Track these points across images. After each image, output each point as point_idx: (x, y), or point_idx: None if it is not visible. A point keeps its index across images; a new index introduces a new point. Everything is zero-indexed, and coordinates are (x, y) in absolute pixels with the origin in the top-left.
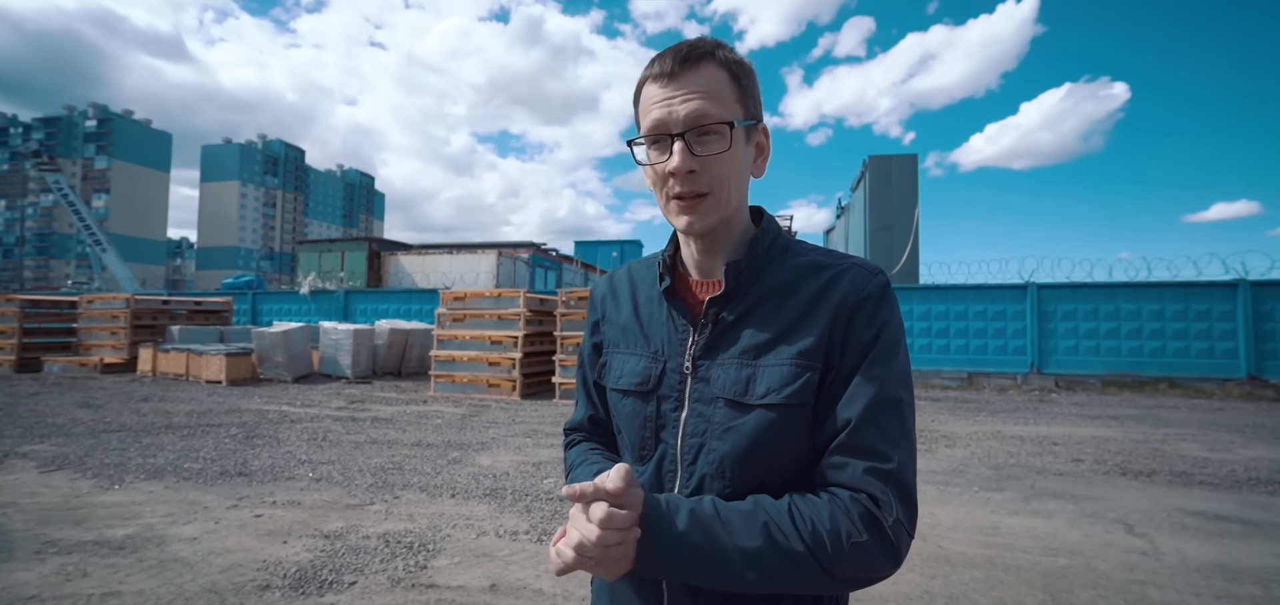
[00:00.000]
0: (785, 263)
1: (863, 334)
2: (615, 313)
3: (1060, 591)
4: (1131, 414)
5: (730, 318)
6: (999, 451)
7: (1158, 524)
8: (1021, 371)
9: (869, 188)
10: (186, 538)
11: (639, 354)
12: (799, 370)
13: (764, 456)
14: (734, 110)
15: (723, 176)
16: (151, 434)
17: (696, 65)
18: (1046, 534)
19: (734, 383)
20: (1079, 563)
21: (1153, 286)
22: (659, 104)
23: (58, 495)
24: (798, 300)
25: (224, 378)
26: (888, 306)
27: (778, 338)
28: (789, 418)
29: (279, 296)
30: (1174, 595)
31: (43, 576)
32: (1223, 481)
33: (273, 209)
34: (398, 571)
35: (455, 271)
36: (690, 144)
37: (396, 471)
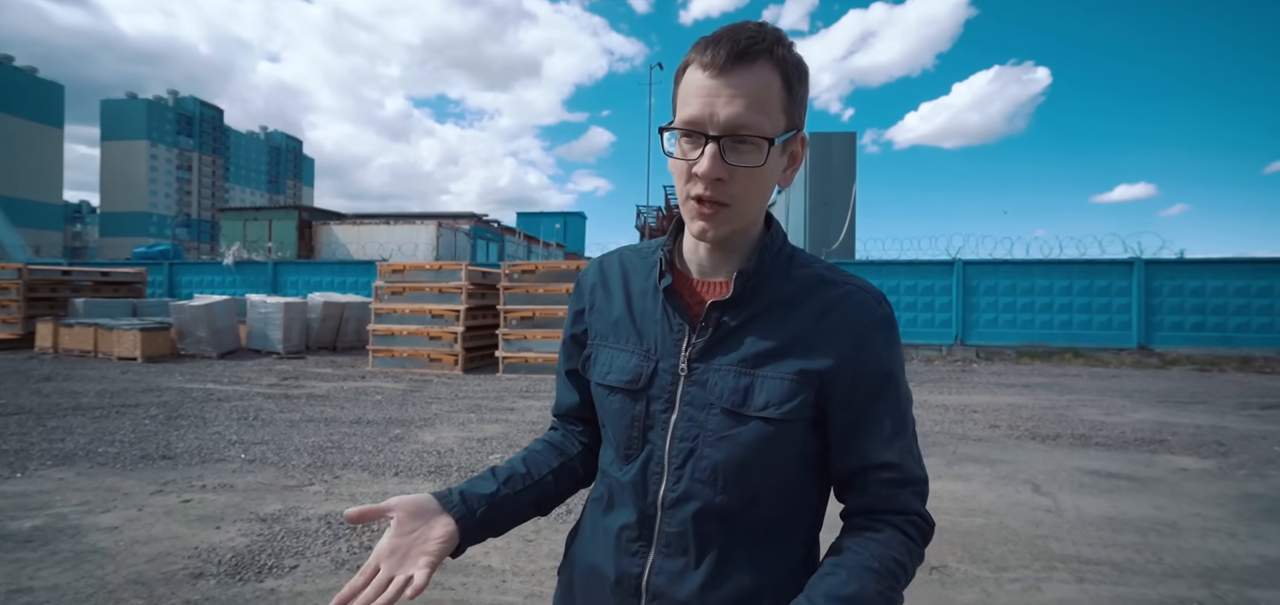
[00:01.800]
0: (790, 273)
1: (877, 364)
2: (605, 304)
3: (976, 548)
4: (1041, 382)
5: (733, 323)
6: (925, 420)
7: (1060, 483)
8: (947, 343)
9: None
10: (105, 527)
11: (630, 350)
12: (799, 386)
13: (758, 468)
14: (777, 121)
15: (749, 190)
16: (57, 416)
17: (751, 63)
18: (966, 496)
19: (733, 391)
20: (993, 521)
21: (1063, 263)
22: (700, 96)
23: None
24: (803, 314)
25: (139, 354)
26: (895, 331)
27: (780, 350)
28: (786, 432)
29: (200, 267)
30: (1071, 547)
31: None
32: (1114, 442)
33: (188, 172)
34: (341, 553)
35: (393, 243)
36: (723, 150)
37: (336, 451)
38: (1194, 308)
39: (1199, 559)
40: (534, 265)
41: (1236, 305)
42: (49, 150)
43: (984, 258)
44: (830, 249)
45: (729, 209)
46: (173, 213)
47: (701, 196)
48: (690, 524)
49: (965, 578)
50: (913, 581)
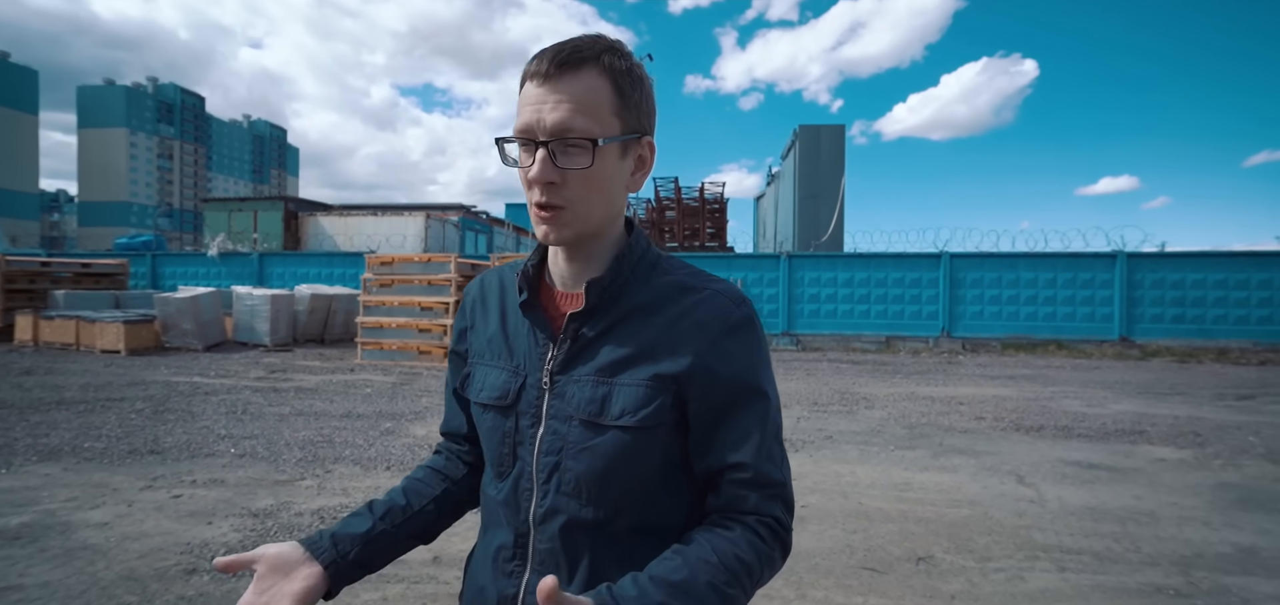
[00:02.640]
0: (651, 280)
1: (734, 365)
2: (484, 322)
3: (962, 539)
4: (1025, 374)
5: (590, 333)
6: (912, 412)
7: (1043, 474)
8: (933, 335)
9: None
10: (95, 523)
11: (502, 367)
12: (654, 392)
13: (620, 477)
14: (609, 124)
15: (584, 192)
16: (40, 411)
17: (576, 70)
18: (952, 487)
19: (590, 401)
20: (978, 512)
21: (1048, 256)
22: (531, 105)
23: None
24: (660, 320)
25: (123, 347)
26: (755, 334)
27: (636, 357)
28: (644, 439)
29: (183, 259)
30: (1053, 536)
31: None
32: (1095, 433)
33: (170, 161)
34: None
35: (381, 234)
36: (553, 154)
37: (326, 445)
38: (1174, 300)
39: (1175, 547)
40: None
41: (1215, 297)
42: (24, 137)
43: (970, 251)
44: (819, 242)
45: (566, 211)
46: (154, 202)
47: (540, 202)
48: (559, 539)
49: (951, 568)
50: (893, 573)
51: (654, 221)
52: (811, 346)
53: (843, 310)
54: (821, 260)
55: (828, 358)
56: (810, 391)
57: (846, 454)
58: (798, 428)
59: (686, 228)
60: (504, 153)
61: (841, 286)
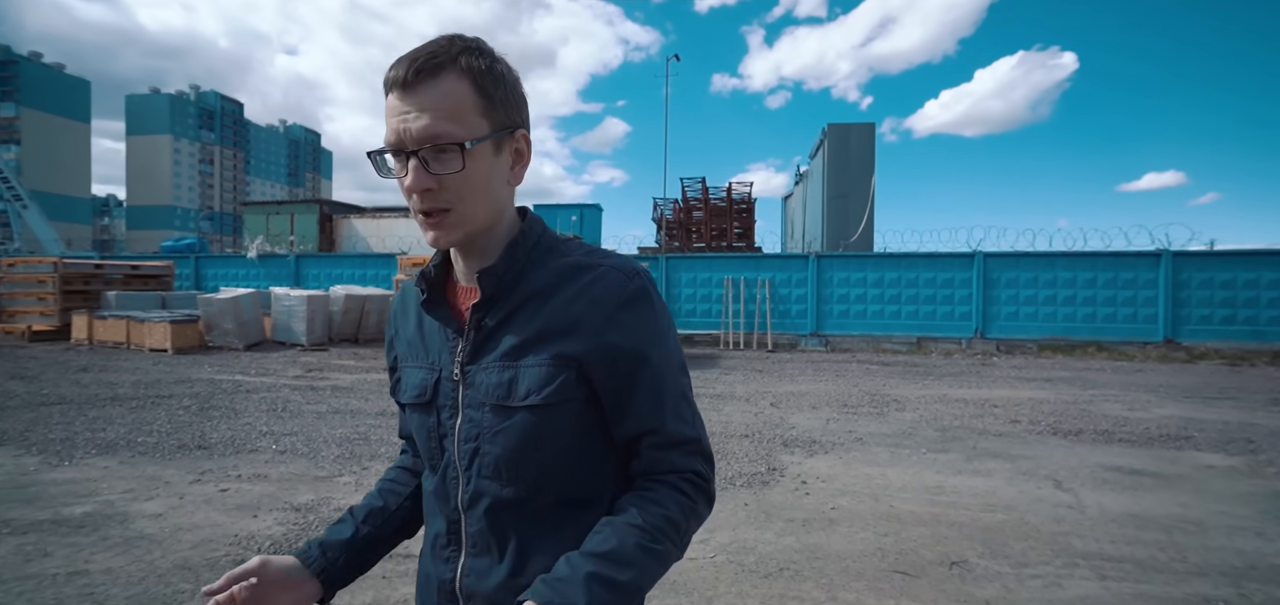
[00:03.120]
0: (547, 265)
1: (632, 337)
2: (404, 327)
3: (997, 544)
4: (1063, 376)
5: (492, 323)
6: (945, 414)
7: (1082, 479)
8: (966, 336)
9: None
10: (150, 514)
11: (420, 366)
12: (557, 370)
13: (534, 454)
14: (475, 125)
15: (462, 193)
16: (97, 406)
17: (434, 76)
18: (986, 491)
19: (497, 386)
20: (1014, 517)
21: (1087, 256)
22: (395, 116)
23: (2, 473)
24: (557, 301)
25: (169, 346)
26: (650, 303)
27: (536, 339)
28: (553, 417)
29: (224, 261)
30: (1093, 544)
31: (1, 557)
32: (1139, 438)
33: (211, 166)
34: None
35: (412, 236)
36: (426, 161)
37: (363, 442)
38: (1224, 300)
39: (1225, 558)
40: None
41: (1269, 298)
42: (77, 145)
43: (1005, 250)
44: (848, 241)
45: (450, 214)
46: (196, 206)
47: (421, 209)
48: (485, 520)
49: (986, 573)
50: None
51: (681, 222)
52: (841, 347)
53: (873, 311)
54: (851, 260)
55: (857, 359)
56: (839, 393)
57: (877, 456)
58: (827, 429)
59: (714, 228)
60: (378, 165)
61: (871, 287)
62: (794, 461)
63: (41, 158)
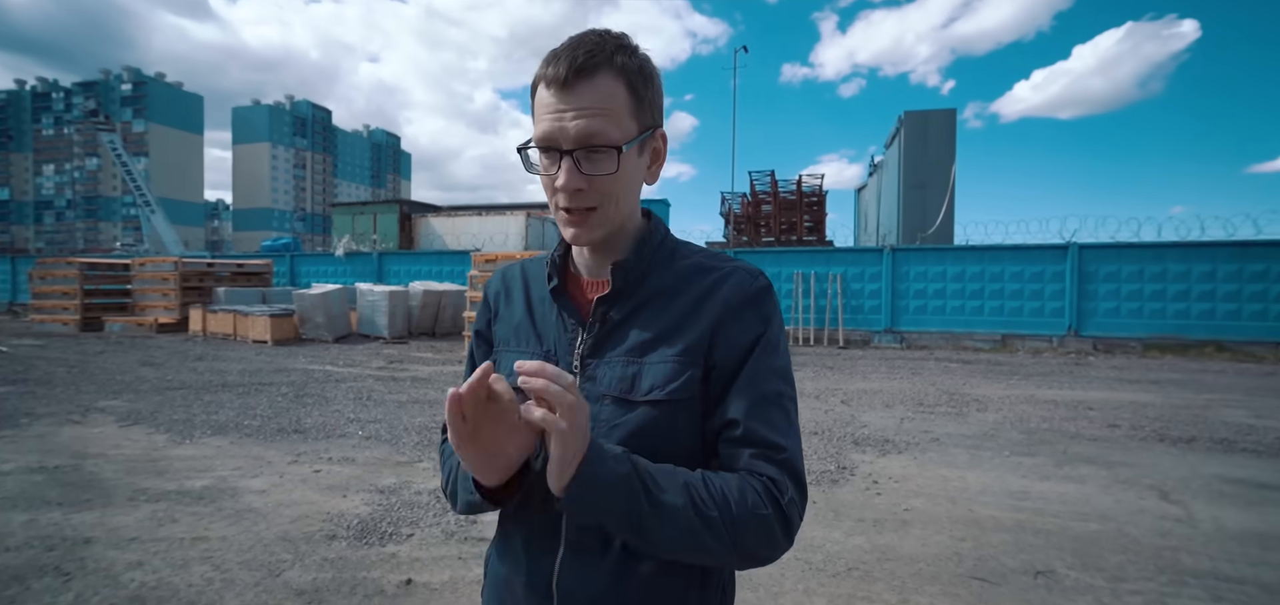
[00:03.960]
0: (671, 265)
1: (744, 335)
2: (508, 312)
3: (1090, 555)
4: (1173, 378)
5: (617, 317)
6: (1032, 415)
7: (1194, 491)
8: (1058, 334)
9: (904, 144)
10: (256, 490)
11: (531, 352)
12: (681, 367)
13: (650, 451)
14: (627, 126)
15: (611, 193)
16: (210, 392)
17: (591, 76)
18: (1078, 499)
19: (620, 380)
20: (1110, 528)
21: (1205, 246)
22: (550, 115)
23: (138, 448)
24: (683, 301)
25: (269, 338)
26: (768, 307)
27: (662, 336)
28: (673, 413)
29: (315, 259)
30: (1206, 561)
31: (139, 521)
32: (1268, 449)
33: (303, 170)
34: (451, 526)
35: (485, 233)
36: (579, 162)
37: (439, 431)
38: None
39: None
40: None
41: None
42: (192, 155)
43: (1104, 241)
44: (926, 234)
45: (596, 213)
46: (290, 208)
47: (568, 207)
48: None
49: (1076, 585)
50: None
51: (749, 216)
52: (917, 344)
53: (953, 307)
54: (929, 253)
55: (935, 357)
56: (915, 391)
57: (955, 458)
58: (901, 429)
59: (783, 221)
60: (526, 160)
61: (951, 281)
62: (865, 461)
63: (164, 167)
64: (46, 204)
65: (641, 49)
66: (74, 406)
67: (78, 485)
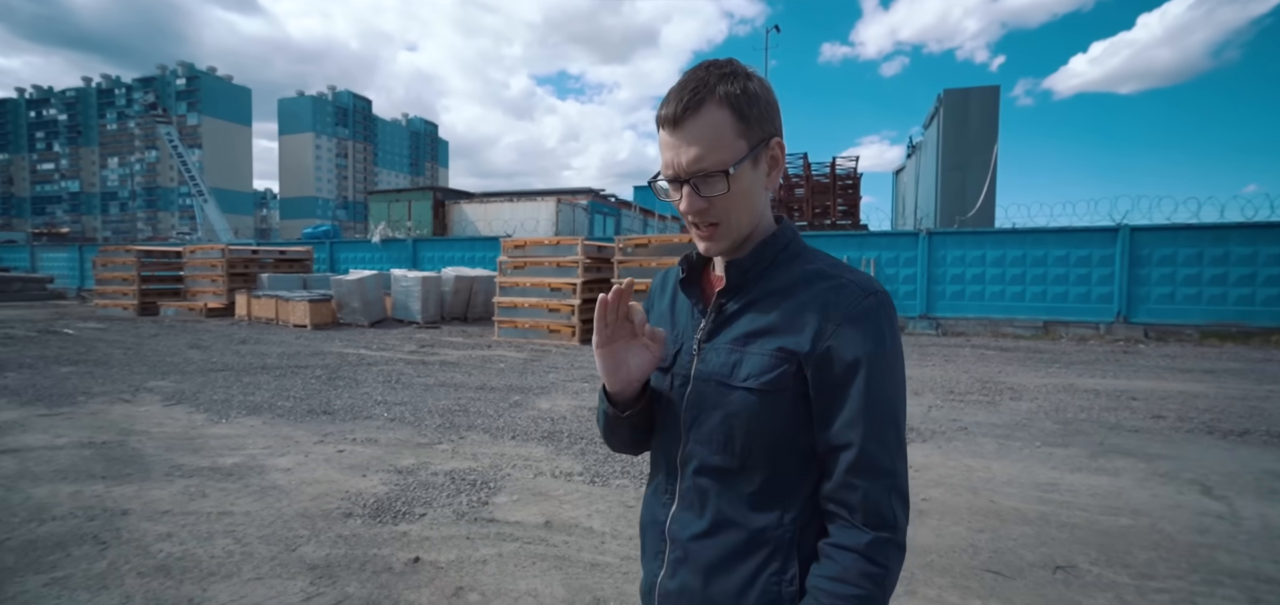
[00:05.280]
0: (792, 268)
1: (859, 349)
2: (660, 303)
3: (1117, 551)
4: (1232, 368)
5: (733, 308)
6: (1069, 405)
7: (1241, 487)
8: (1106, 320)
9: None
10: (282, 468)
11: (668, 334)
12: (778, 361)
13: (744, 430)
14: (736, 148)
15: (729, 209)
16: (250, 373)
17: (697, 111)
18: (1110, 492)
19: (723, 365)
20: (1143, 523)
21: (1275, 227)
22: (667, 150)
23: (178, 426)
24: (794, 302)
25: (309, 322)
26: (884, 320)
27: (767, 331)
28: (766, 401)
29: (353, 245)
30: (1247, 561)
31: (172, 495)
32: None
33: (345, 159)
34: (462, 506)
35: (516, 219)
36: (696, 187)
37: (462, 413)
38: None
39: None
40: (647, 239)
41: None
42: (241, 146)
43: (1159, 223)
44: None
45: (720, 226)
46: (333, 196)
47: (695, 224)
48: (694, 479)
49: (1097, 581)
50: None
51: (781, 200)
52: (953, 331)
53: (992, 292)
54: (966, 237)
55: (972, 343)
56: (946, 379)
57: (982, 448)
58: (928, 417)
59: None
60: (657, 191)
61: (990, 266)
62: None
63: (216, 158)
64: (112, 195)
65: (750, 72)
66: (126, 386)
67: (121, 460)
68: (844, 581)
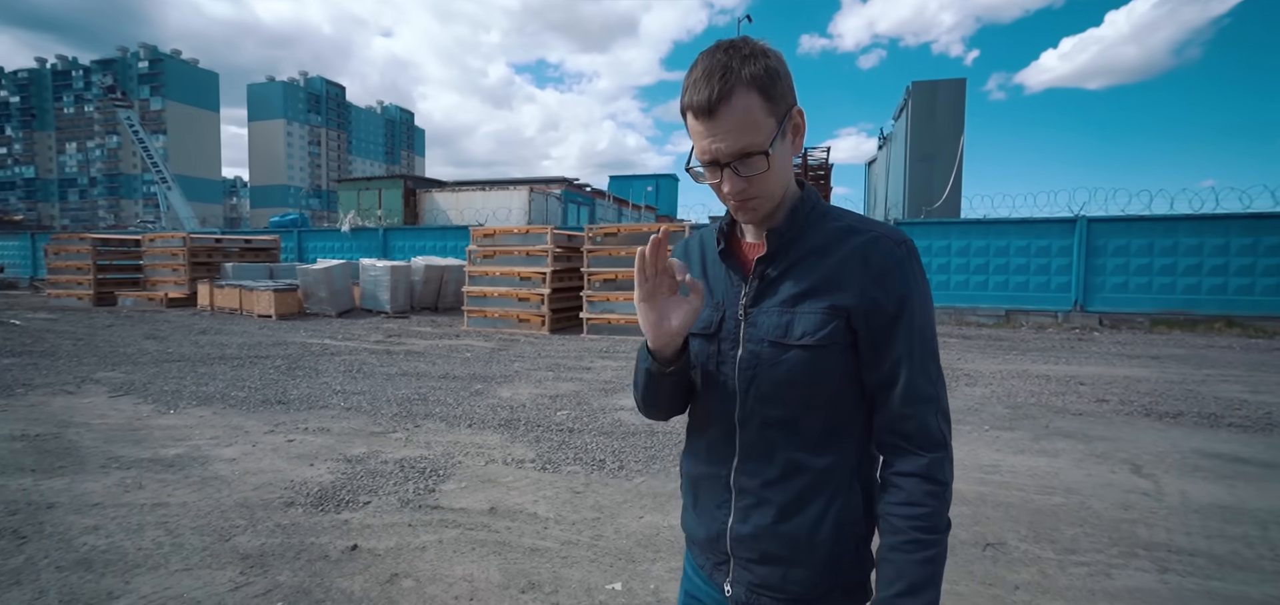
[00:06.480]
0: (823, 227)
1: (899, 294)
2: (690, 271)
3: (1046, 528)
4: (1176, 353)
5: (774, 273)
6: (1021, 390)
7: (1168, 465)
8: (1063, 309)
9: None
10: (227, 458)
11: (707, 304)
12: (829, 318)
13: (804, 384)
14: (768, 127)
15: (768, 185)
16: (206, 364)
17: (729, 98)
18: (1047, 472)
19: (776, 326)
20: (1073, 501)
21: (1219, 219)
22: (702, 139)
23: (122, 418)
24: (832, 260)
25: (273, 312)
26: (916, 267)
27: (813, 290)
28: (822, 356)
29: (322, 234)
30: (1162, 534)
31: (106, 487)
32: (1254, 424)
33: (318, 147)
34: (408, 494)
35: (489, 208)
36: (737, 170)
37: (421, 402)
38: None
39: None
40: (616, 228)
41: None
42: (209, 132)
43: (1114, 215)
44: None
45: (759, 201)
46: (306, 185)
47: (735, 203)
48: (758, 434)
49: (1023, 557)
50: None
51: None
52: None
53: (956, 281)
54: (933, 227)
55: (937, 332)
56: None
57: None
58: None
59: None
60: (696, 176)
61: (955, 256)
62: None
63: (182, 145)
64: (71, 182)
65: (765, 49)
66: (71, 378)
67: (54, 453)
68: (913, 504)
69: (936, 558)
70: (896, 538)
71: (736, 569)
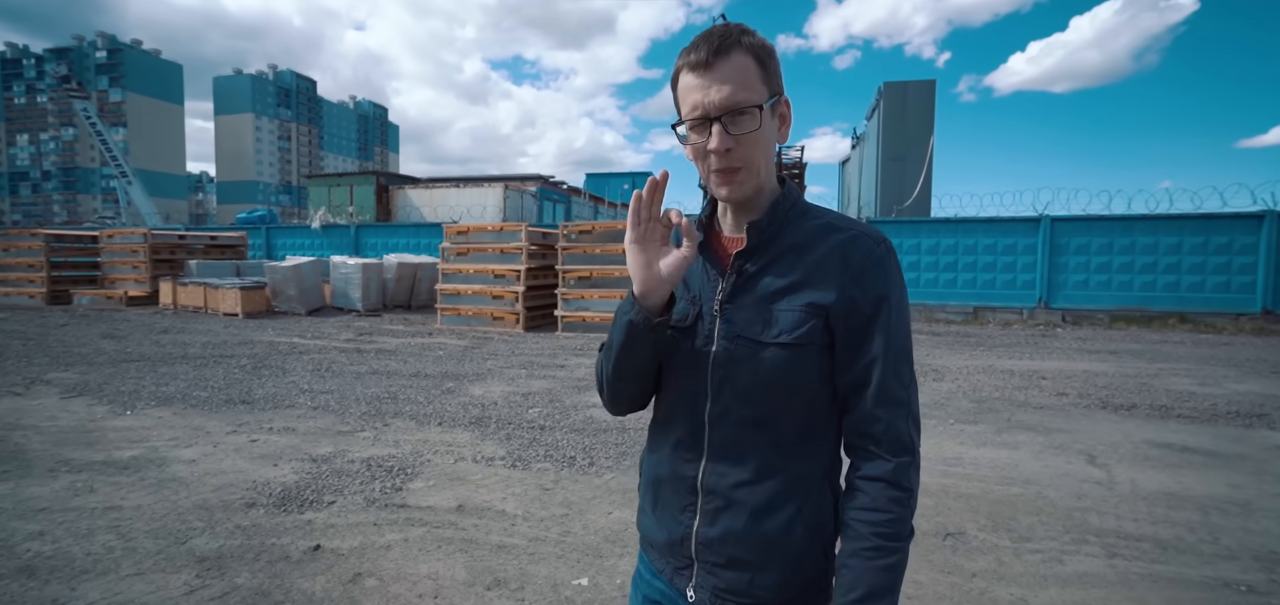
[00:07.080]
0: (802, 225)
1: (877, 294)
2: None
3: (1003, 517)
4: (1132, 349)
5: (752, 269)
6: (985, 385)
7: (1121, 455)
8: (1029, 306)
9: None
10: (186, 460)
11: (682, 298)
12: (807, 317)
13: (780, 384)
14: (761, 92)
15: (754, 151)
16: (167, 364)
17: (727, 54)
18: (1007, 464)
19: (752, 323)
20: (1031, 491)
21: (1172, 219)
22: (696, 90)
23: (74, 419)
24: (811, 257)
25: (240, 311)
26: (895, 267)
27: (791, 288)
28: (800, 355)
29: (292, 231)
30: (1112, 521)
31: (54, 492)
32: (1201, 415)
33: (288, 142)
34: (374, 493)
35: (463, 205)
36: (727, 125)
37: (391, 401)
38: None
39: (1264, 542)
40: (591, 225)
41: None
42: (172, 126)
43: (1076, 214)
44: (902, 206)
45: (742, 171)
46: (276, 180)
47: (719, 168)
48: (730, 433)
49: (981, 545)
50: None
51: None
52: None
53: (926, 279)
54: (903, 226)
55: None
56: None
57: None
58: None
59: None
60: (681, 136)
61: (925, 254)
62: None
63: (143, 138)
64: (22, 175)
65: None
66: (19, 379)
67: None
68: (876, 510)
69: (897, 564)
70: (858, 543)
71: (701, 573)
